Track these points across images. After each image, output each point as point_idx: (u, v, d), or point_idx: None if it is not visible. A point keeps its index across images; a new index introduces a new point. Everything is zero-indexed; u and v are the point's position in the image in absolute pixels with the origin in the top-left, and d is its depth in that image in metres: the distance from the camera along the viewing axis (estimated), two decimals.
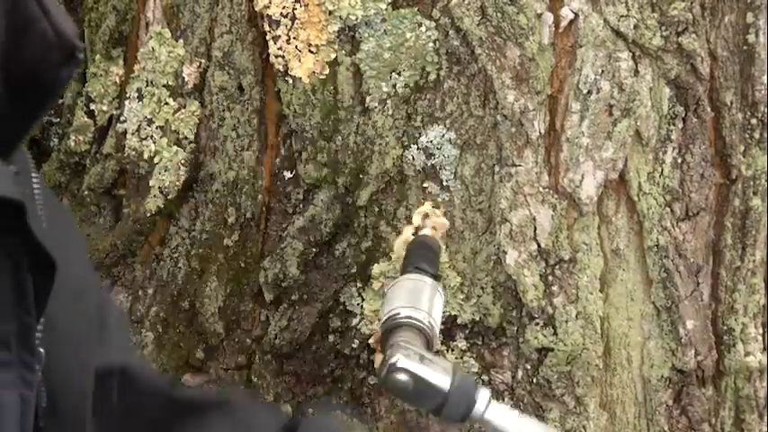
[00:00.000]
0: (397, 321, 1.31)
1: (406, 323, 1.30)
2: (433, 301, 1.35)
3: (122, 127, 1.61)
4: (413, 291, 1.35)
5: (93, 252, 1.60)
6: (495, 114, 1.47)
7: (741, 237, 1.55)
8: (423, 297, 1.34)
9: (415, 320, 1.30)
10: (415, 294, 1.35)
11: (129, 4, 1.60)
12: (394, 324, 1.31)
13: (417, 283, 1.36)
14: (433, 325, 1.31)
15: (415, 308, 1.32)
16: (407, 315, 1.31)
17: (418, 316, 1.31)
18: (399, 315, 1.31)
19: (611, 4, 1.44)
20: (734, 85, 1.51)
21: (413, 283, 1.37)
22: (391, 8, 1.46)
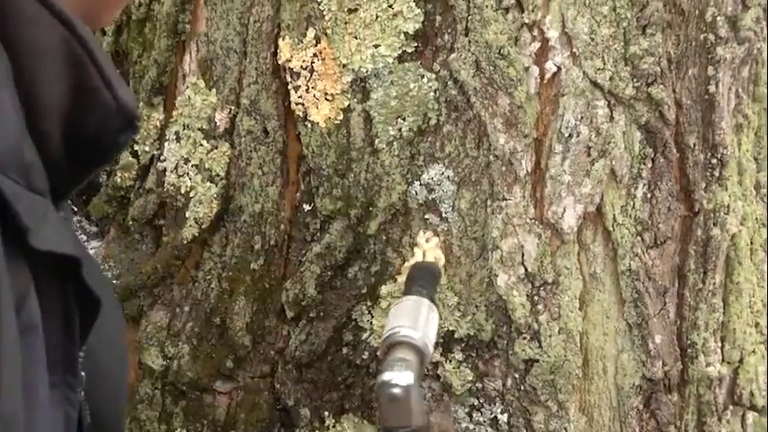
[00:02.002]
0: (397, 339, 1.29)
1: (405, 341, 1.29)
2: (428, 321, 1.33)
3: (162, 165, 1.59)
4: (412, 311, 1.33)
5: (137, 275, 1.60)
6: (487, 155, 1.45)
7: (703, 262, 1.52)
8: (420, 317, 1.32)
9: (411, 339, 1.29)
10: (414, 314, 1.33)
11: (168, 58, 1.58)
12: (394, 341, 1.29)
13: (416, 303, 1.34)
14: (427, 343, 1.30)
15: (413, 327, 1.30)
16: (406, 334, 1.29)
17: (415, 335, 1.29)
18: (399, 333, 1.30)
19: (589, 58, 1.42)
20: (696, 130, 1.48)
21: (412, 303, 1.35)
22: (397, 62, 1.44)
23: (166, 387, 1.59)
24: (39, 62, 0.84)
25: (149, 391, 1.59)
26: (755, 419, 1.70)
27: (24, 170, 0.81)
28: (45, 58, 0.84)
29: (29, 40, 0.83)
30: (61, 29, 0.84)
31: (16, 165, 0.79)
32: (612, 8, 1.41)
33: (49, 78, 0.85)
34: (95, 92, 0.87)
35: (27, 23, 0.83)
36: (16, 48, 0.82)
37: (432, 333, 1.32)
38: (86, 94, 0.87)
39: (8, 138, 0.79)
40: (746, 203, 1.56)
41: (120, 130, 0.90)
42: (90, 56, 0.87)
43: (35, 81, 0.84)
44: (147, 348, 1.57)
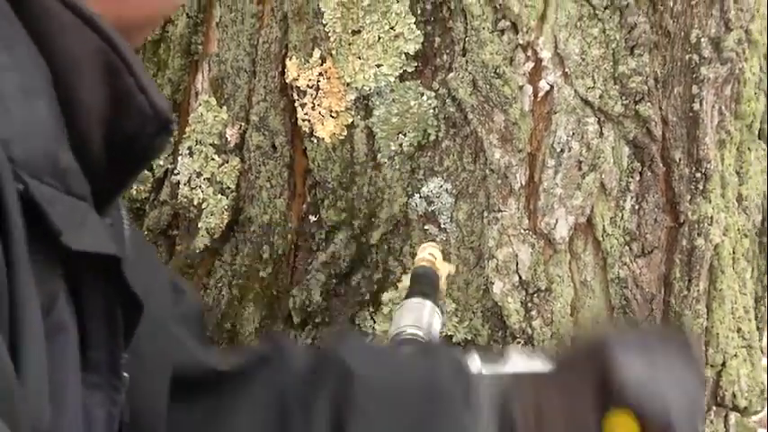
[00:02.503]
0: (403, 338, 1.29)
1: (410, 339, 1.29)
2: (431, 321, 1.32)
3: (176, 178, 1.59)
4: (415, 312, 1.33)
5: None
6: (484, 169, 1.45)
7: (688, 271, 1.52)
8: (423, 317, 1.32)
9: (417, 336, 1.28)
10: (417, 315, 1.32)
11: (181, 77, 1.59)
12: (400, 340, 1.29)
13: (419, 305, 1.34)
14: (432, 341, 1.30)
15: (417, 326, 1.30)
16: (411, 333, 1.29)
17: (419, 333, 1.29)
18: (405, 332, 1.29)
19: (580, 77, 1.43)
20: (682, 145, 1.49)
21: (415, 305, 1.34)
22: (398, 81, 1.45)
23: None
24: (77, 71, 0.84)
25: None
26: (737, 419, 1.71)
27: (61, 175, 0.80)
28: (83, 67, 0.84)
29: (67, 49, 0.83)
30: (97, 38, 0.85)
31: (52, 169, 0.79)
32: (602, 30, 1.41)
33: (87, 86, 0.85)
34: (132, 98, 0.87)
35: (64, 33, 0.83)
36: (56, 57, 0.83)
37: (435, 332, 1.33)
38: (123, 100, 0.87)
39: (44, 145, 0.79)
40: (729, 215, 1.57)
41: (155, 134, 0.90)
42: (126, 64, 0.87)
43: (75, 89, 0.84)
44: None
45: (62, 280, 0.82)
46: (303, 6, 1.46)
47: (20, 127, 0.76)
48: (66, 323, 0.82)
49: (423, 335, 1.30)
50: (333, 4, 1.44)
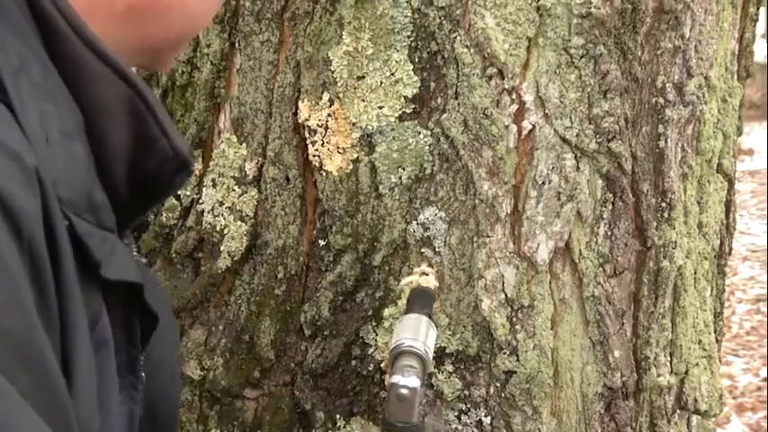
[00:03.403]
0: (403, 349, 1.30)
1: (408, 350, 1.30)
2: (428, 334, 1.34)
3: (201, 207, 1.59)
4: (413, 326, 1.34)
5: (179, 299, 1.60)
6: (474, 199, 1.45)
7: (654, 289, 1.52)
8: (421, 330, 1.33)
9: (414, 348, 1.30)
10: (415, 328, 1.34)
11: (206, 117, 1.59)
12: (399, 351, 1.30)
13: (417, 320, 1.35)
14: (428, 351, 1.31)
15: (415, 339, 1.31)
16: (409, 345, 1.30)
17: (417, 345, 1.30)
18: (404, 344, 1.31)
19: (559, 118, 1.43)
20: (649, 178, 1.49)
21: (413, 320, 1.36)
22: (398, 121, 1.45)
23: (203, 394, 1.58)
24: (106, 115, 0.85)
25: (189, 397, 1.59)
26: (699, 421, 1.71)
27: (95, 211, 0.81)
28: (112, 112, 0.85)
29: (97, 95, 0.84)
30: (124, 86, 0.85)
31: (88, 207, 0.80)
32: (578, 76, 1.41)
33: (115, 129, 0.85)
34: (154, 140, 0.88)
35: (95, 82, 0.84)
36: (87, 102, 0.83)
37: (431, 343, 1.33)
38: (147, 142, 0.88)
39: (82, 184, 0.80)
40: (691, 240, 1.57)
41: (175, 173, 0.91)
42: (149, 109, 0.87)
43: (104, 131, 0.84)
44: (188, 361, 1.57)
45: (102, 301, 0.83)
46: (314, 55, 1.46)
47: (64, 169, 0.77)
48: (107, 339, 0.84)
49: (419, 346, 1.31)
50: (340, 53, 1.44)
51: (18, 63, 0.77)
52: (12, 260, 0.67)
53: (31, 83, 0.77)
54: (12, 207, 0.68)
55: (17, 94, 0.75)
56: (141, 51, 0.96)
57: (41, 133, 0.76)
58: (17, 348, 0.66)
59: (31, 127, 0.75)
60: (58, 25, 0.82)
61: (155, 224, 1.63)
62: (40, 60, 0.80)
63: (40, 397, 0.67)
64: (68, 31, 0.82)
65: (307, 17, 1.47)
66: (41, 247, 0.71)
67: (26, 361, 0.67)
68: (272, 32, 1.50)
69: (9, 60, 0.76)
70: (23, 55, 0.78)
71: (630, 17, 1.42)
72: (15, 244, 0.68)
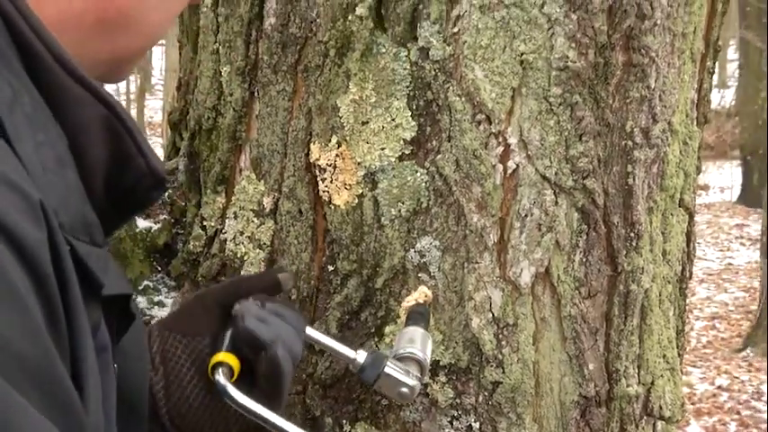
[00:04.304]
0: (403, 354, 1.31)
1: (409, 356, 1.30)
2: (425, 343, 1.34)
3: (224, 236, 1.59)
4: (412, 336, 1.34)
5: None
6: (464, 229, 1.44)
7: (624, 310, 1.52)
8: (418, 340, 1.34)
9: (414, 354, 1.31)
10: (414, 338, 1.34)
11: (229, 157, 1.59)
12: (401, 356, 1.31)
13: (415, 332, 1.35)
14: (426, 357, 1.32)
15: (414, 347, 1.32)
16: (410, 351, 1.31)
17: (416, 351, 1.31)
18: (405, 350, 1.31)
19: (539, 158, 1.42)
20: (619, 212, 1.48)
21: (412, 332, 1.35)
22: (398, 160, 1.44)
23: None
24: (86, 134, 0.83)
25: None
26: (663, 426, 1.70)
27: (88, 229, 0.80)
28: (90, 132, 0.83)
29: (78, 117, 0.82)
30: (102, 108, 0.83)
31: (83, 227, 0.79)
32: (557, 122, 1.41)
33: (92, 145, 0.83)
34: (131, 158, 0.86)
35: (76, 105, 0.82)
36: (68, 123, 0.81)
37: (428, 351, 1.33)
38: (123, 159, 0.86)
39: (76, 208, 0.79)
40: (656, 266, 1.56)
41: (151, 188, 0.89)
42: (126, 129, 0.85)
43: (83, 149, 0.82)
44: None
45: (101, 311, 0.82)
46: (324, 103, 1.46)
47: (62, 195, 0.76)
48: (106, 343, 0.83)
49: (418, 352, 1.31)
50: (347, 101, 1.44)
51: (11, 95, 0.75)
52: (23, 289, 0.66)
53: (24, 114, 0.75)
54: (20, 240, 0.67)
55: (13, 127, 0.73)
56: (106, 62, 0.94)
57: (38, 164, 0.74)
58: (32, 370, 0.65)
59: (29, 158, 0.73)
60: (39, 53, 0.79)
61: (183, 251, 1.62)
62: (29, 90, 0.78)
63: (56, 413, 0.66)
64: (50, 59, 0.80)
65: (318, 69, 1.47)
66: (49, 274, 0.70)
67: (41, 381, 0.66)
68: (287, 83, 1.50)
69: (3, 93, 0.74)
70: (15, 87, 0.76)
71: (603, 70, 1.42)
72: (25, 273, 0.67)
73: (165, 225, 1.66)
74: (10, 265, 0.66)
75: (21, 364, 0.64)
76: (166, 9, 0.96)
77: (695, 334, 10.65)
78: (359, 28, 1.41)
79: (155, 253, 1.64)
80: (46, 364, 0.67)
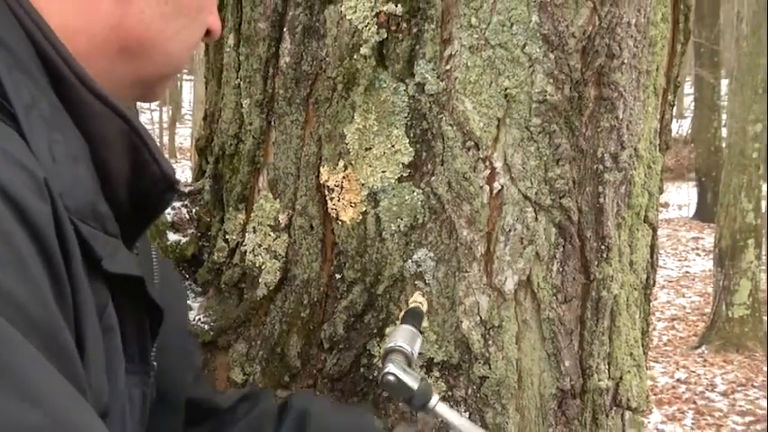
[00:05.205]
0: (392, 348, 1.29)
1: (397, 349, 1.29)
2: (414, 340, 1.32)
3: (244, 248, 1.58)
4: (403, 333, 1.33)
5: (227, 319, 1.57)
6: (456, 242, 1.43)
7: (596, 313, 1.51)
8: (408, 337, 1.32)
9: (402, 348, 1.29)
10: (404, 335, 1.32)
11: (248, 179, 1.58)
12: (391, 349, 1.29)
13: (406, 330, 1.33)
14: (413, 352, 1.30)
15: (404, 341, 1.30)
16: (399, 345, 1.29)
17: (404, 346, 1.29)
18: (395, 344, 1.29)
19: (522, 180, 1.42)
20: (591, 227, 1.48)
21: (404, 329, 1.34)
22: (397, 182, 1.44)
23: None
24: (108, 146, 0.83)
25: None
26: (630, 416, 1.70)
27: (100, 219, 0.80)
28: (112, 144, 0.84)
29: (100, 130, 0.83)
30: (121, 122, 0.84)
31: (92, 215, 0.79)
32: (537, 148, 1.41)
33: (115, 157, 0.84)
34: (147, 165, 0.87)
35: (97, 119, 0.83)
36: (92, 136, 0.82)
37: (416, 347, 1.32)
38: (141, 166, 0.86)
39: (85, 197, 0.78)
40: (624, 275, 1.56)
41: (164, 191, 0.90)
42: (142, 140, 0.86)
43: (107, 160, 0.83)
44: (233, 368, 1.55)
45: (108, 293, 0.82)
46: (332, 131, 1.46)
47: (69, 184, 0.76)
48: (113, 325, 0.83)
49: (407, 347, 1.29)
50: (352, 129, 1.43)
51: (29, 100, 0.76)
52: (32, 259, 0.67)
53: (40, 117, 0.76)
54: (28, 213, 0.68)
55: (28, 125, 0.74)
56: (135, 85, 0.95)
57: (49, 155, 0.75)
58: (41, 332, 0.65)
59: (40, 150, 0.74)
60: (63, 73, 0.81)
61: (208, 261, 1.62)
62: (49, 99, 0.79)
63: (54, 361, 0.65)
64: (72, 77, 0.81)
65: (327, 102, 1.46)
66: (55, 246, 0.70)
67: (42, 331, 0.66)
68: (300, 114, 1.50)
69: (22, 98, 0.75)
70: (34, 94, 0.77)
71: (577, 103, 1.41)
72: (34, 245, 0.67)
73: (192, 238, 1.65)
74: (16, 231, 0.66)
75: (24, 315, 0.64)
76: (183, 39, 0.97)
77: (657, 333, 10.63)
78: (363, 66, 1.41)
79: (183, 263, 1.63)
80: (47, 318, 0.67)
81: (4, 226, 0.65)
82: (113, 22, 0.88)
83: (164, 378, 1.01)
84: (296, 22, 1.48)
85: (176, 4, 0.94)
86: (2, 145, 0.70)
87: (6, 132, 0.73)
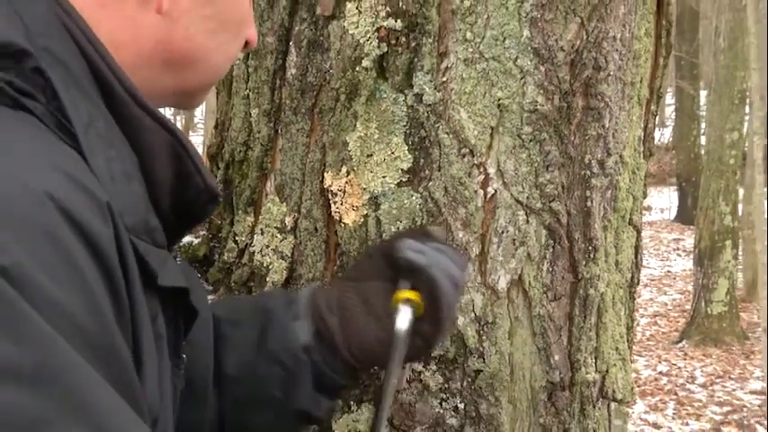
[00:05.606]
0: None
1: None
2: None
3: (252, 249, 1.57)
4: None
5: None
6: (452, 244, 1.42)
7: (583, 310, 1.50)
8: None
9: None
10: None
11: (257, 184, 1.58)
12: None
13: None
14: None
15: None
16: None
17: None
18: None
19: (514, 185, 1.42)
20: (579, 229, 1.47)
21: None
22: (397, 187, 1.43)
23: None
24: (154, 157, 0.83)
25: None
26: (616, 407, 1.69)
27: (151, 233, 0.80)
28: (158, 155, 0.83)
29: (147, 143, 0.82)
30: (167, 135, 0.83)
31: (145, 230, 0.78)
32: (528, 155, 1.40)
33: (161, 168, 0.84)
34: (191, 176, 0.86)
35: (145, 132, 0.82)
36: (140, 148, 0.81)
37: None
38: (185, 177, 0.86)
39: (140, 213, 0.78)
40: (610, 274, 1.55)
41: (207, 202, 0.89)
42: (186, 152, 0.85)
43: (154, 171, 0.83)
44: None
45: (159, 303, 0.82)
46: (335, 139, 1.45)
47: (126, 202, 0.77)
48: (162, 333, 0.83)
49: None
50: (355, 137, 1.43)
51: (87, 119, 0.76)
52: (93, 277, 0.67)
53: (97, 135, 0.76)
54: (90, 234, 0.67)
55: (87, 144, 0.74)
56: (176, 94, 0.95)
57: (107, 174, 0.75)
58: (92, 342, 0.65)
59: (100, 170, 0.74)
60: (114, 88, 0.81)
61: (219, 261, 1.61)
62: (103, 115, 0.79)
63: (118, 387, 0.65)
64: (123, 92, 0.81)
65: (330, 111, 1.46)
66: (116, 267, 0.70)
67: (106, 358, 0.66)
68: (306, 122, 1.49)
69: (80, 117, 0.75)
70: (91, 112, 0.77)
71: (566, 112, 1.41)
72: (95, 264, 0.67)
73: (203, 239, 1.65)
74: (80, 255, 0.66)
75: (84, 336, 0.64)
76: (224, 52, 0.97)
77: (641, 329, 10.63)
78: (365, 77, 1.41)
79: (195, 262, 1.62)
80: (105, 339, 0.67)
81: (70, 250, 0.65)
82: (159, 36, 0.87)
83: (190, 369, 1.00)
84: (301, 37, 1.48)
85: (219, 21, 0.93)
86: (66, 168, 0.70)
87: (69, 154, 0.72)
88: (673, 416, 7.94)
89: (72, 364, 0.61)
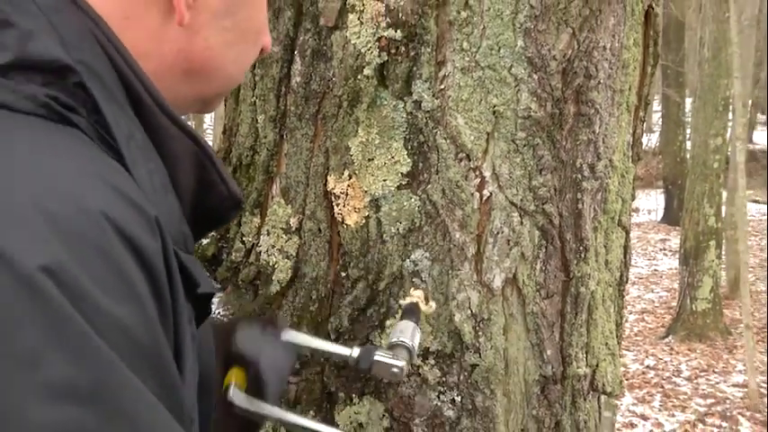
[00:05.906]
0: (395, 342, 1.27)
1: (400, 344, 1.27)
2: (414, 333, 1.30)
3: (259, 249, 1.57)
4: (404, 328, 1.31)
5: (243, 313, 1.56)
6: (449, 244, 1.42)
7: (575, 307, 1.50)
8: (408, 331, 1.30)
9: (404, 342, 1.27)
10: (406, 330, 1.30)
11: (263, 186, 1.58)
12: (394, 343, 1.28)
13: (407, 325, 1.32)
14: (414, 346, 1.28)
15: (405, 336, 1.28)
16: (401, 340, 1.27)
17: (406, 340, 1.27)
18: (398, 339, 1.28)
19: (508, 188, 1.41)
20: (571, 230, 1.47)
21: (405, 324, 1.32)
22: (397, 189, 1.43)
23: None
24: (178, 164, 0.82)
25: None
26: (606, 399, 1.69)
27: (185, 241, 0.79)
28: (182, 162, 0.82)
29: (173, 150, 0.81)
30: (192, 144, 0.82)
31: (183, 240, 0.78)
32: (522, 159, 1.40)
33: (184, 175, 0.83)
34: (215, 184, 0.85)
35: (171, 140, 0.81)
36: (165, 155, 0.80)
37: (417, 341, 1.30)
38: (209, 185, 0.85)
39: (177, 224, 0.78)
40: (600, 273, 1.55)
41: (231, 208, 0.89)
42: (211, 161, 0.85)
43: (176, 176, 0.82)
44: None
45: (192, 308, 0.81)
46: (338, 144, 1.45)
47: (167, 214, 0.76)
48: (195, 333, 0.82)
49: (408, 341, 1.27)
50: (356, 142, 1.43)
51: (127, 131, 0.75)
52: (141, 289, 0.66)
53: (137, 147, 0.76)
54: (140, 249, 0.67)
55: (130, 157, 0.74)
56: (196, 101, 0.94)
57: (150, 187, 0.75)
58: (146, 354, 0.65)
59: (143, 182, 0.74)
60: (143, 98, 0.80)
61: (227, 261, 1.61)
62: (139, 128, 0.78)
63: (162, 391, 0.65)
64: (151, 102, 0.80)
65: (333, 117, 1.46)
66: (164, 281, 0.70)
67: (155, 368, 0.65)
68: (309, 128, 1.49)
69: (121, 131, 0.74)
70: (129, 125, 0.76)
71: (558, 118, 1.41)
72: (144, 276, 0.67)
73: (212, 240, 1.64)
74: (132, 269, 0.66)
75: (138, 349, 0.64)
76: (242, 60, 0.97)
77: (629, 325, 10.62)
78: (366, 85, 1.41)
79: (204, 262, 1.62)
80: (157, 351, 0.67)
81: (123, 265, 0.65)
82: (180, 47, 0.87)
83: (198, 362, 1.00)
84: (306, 46, 1.48)
85: (238, 32, 0.93)
86: (115, 183, 0.69)
87: (116, 169, 0.72)
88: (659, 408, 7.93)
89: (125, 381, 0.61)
